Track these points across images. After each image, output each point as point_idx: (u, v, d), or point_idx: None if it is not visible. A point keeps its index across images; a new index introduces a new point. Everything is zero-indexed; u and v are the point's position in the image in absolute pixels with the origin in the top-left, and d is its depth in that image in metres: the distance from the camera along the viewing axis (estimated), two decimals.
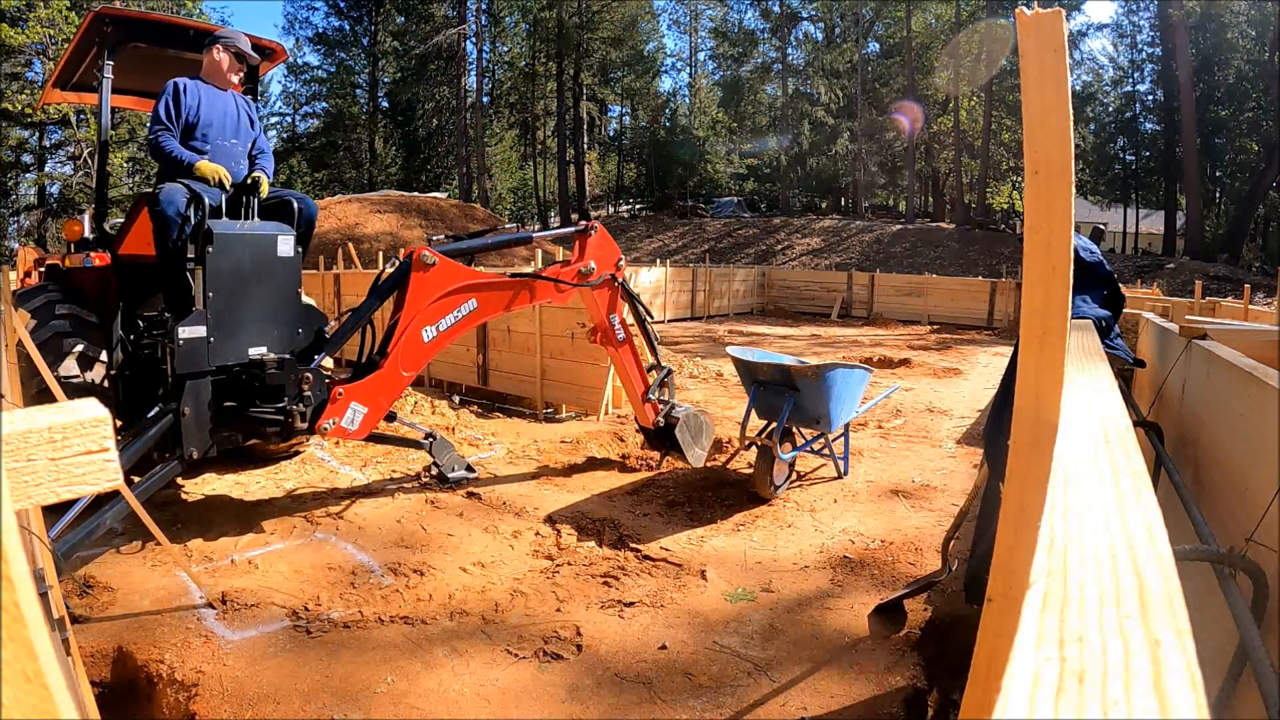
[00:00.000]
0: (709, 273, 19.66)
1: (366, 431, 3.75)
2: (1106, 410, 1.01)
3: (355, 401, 3.62)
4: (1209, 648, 1.44)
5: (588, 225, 4.54)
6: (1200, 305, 8.66)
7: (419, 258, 3.68)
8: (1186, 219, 28.84)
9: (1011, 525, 0.89)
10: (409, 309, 3.68)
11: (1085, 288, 2.75)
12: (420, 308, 3.71)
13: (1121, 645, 0.38)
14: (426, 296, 3.72)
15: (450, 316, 3.83)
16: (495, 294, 4.03)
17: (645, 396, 4.75)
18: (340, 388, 3.60)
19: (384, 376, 3.68)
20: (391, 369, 3.68)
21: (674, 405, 4.86)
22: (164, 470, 3.41)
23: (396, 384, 3.73)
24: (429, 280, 3.72)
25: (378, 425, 3.84)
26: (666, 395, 4.87)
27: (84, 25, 4.20)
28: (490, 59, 41.08)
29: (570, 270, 4.40)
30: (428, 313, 3.74)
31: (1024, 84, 0.86)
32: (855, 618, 3.14)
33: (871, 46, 37.82)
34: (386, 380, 3.69)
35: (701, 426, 4.95)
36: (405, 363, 3.71)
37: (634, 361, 4.75)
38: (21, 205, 33.01)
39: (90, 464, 0.54)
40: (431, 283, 3.73)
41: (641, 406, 4.77)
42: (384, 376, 3.68)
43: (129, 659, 2.77)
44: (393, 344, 3.67)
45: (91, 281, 4.33)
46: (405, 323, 3.68)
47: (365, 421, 3.68)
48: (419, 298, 3.70)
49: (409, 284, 3.68)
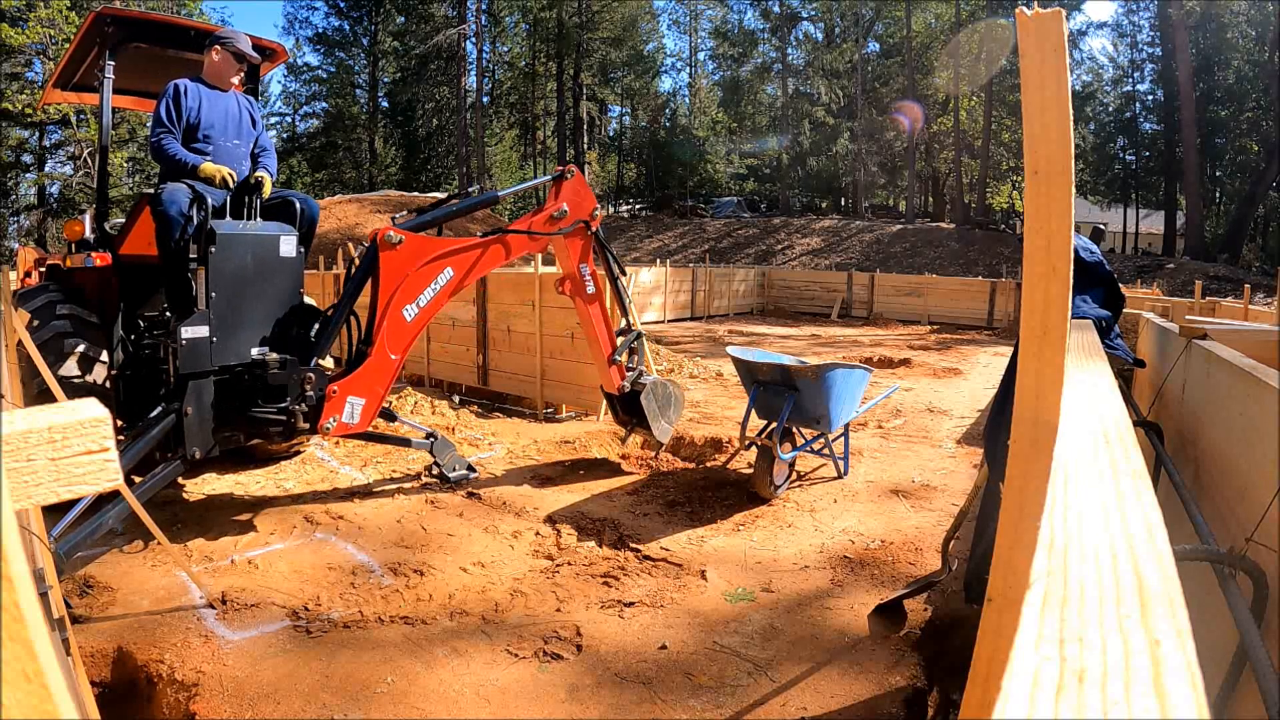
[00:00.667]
0: (709, 273, 19.67)
1: (368, 421, 3.75)
2: (1106, 410, 1.01)
3: (351, 395, 3.62)
4: (1209, 648, 1.44)
5: (564, 170, 4.45)
6: (1200, 305, 8.66)
7: (384, 238, 3.64)
8: (1186, 219, 28.84)
9: (1011, 525, 0.89)
10: (385, 290, 3.64)
11: (1085, 288, 2.75)
12: (394, 286, 3.66)
13: (1121, 645, 0.38)
14: (399, 274, 3.68)
15: (429, 290, 3.79)
16: (469, 256, 3.95)
17: (612, 358, 4.59)
18: (334, 384, 3.60)
19: (374, 364, 3.66)
20: (380, 355, 3.66)
21: (642, 372, 4.72)
22: (166, 470, 3.42)
23: (388, 369, 3.72)
24: (399, 257, 3.68)
25: (378, 414, 3.84)
26: (635, 361, 4.70)
27: (85, 25, 4.20)
28: (490, 59, 41.11)
29: (542, 216, 4.29)
30: (404, 290, 3.70)
31: (1024, 84, 0.86)
32: (855, 618, 3.14)
33: (871, 46, 37.82)
34: (377, 367, 3.68)
35: (670, 397, 4.78)
36: (393, 345, 3.69)
37: (602, 318, 4.60)
38: (21, 205, 33.01)
39: (90, 464, 0.54)
40: (401, 259, 3.69)
41: (607, 369, 4.62)
42: (374, 364, 3.66)
43: (129, 659, 2.77)
44: (376, 329, 3.65)
45: (92, 282, 4.33)
46: (384, 305, 3.65)
47: (365, 412, 3.68)
48: (392, 277, 3.66)
49: (379, 266, 3.64)
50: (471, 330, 7.74)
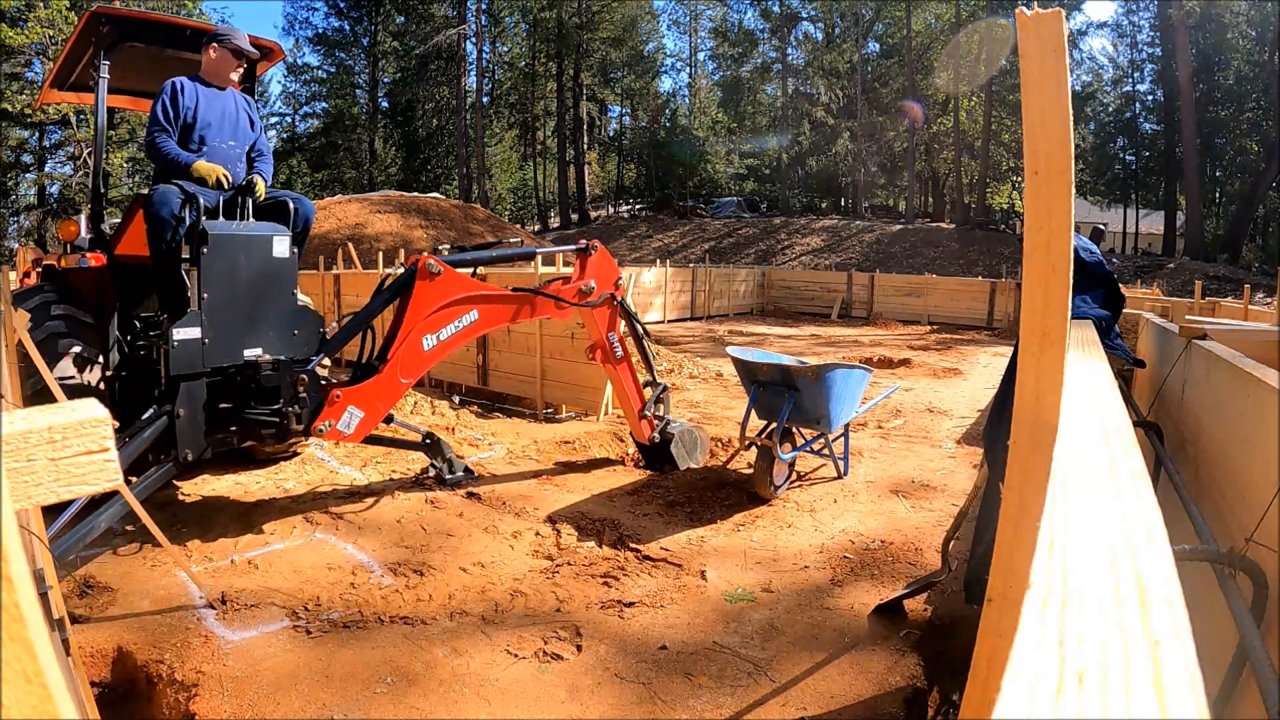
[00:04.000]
0: (709, 273, 19.67)
1: (361, 436, 3.74)
2: (1106, 410, 1.01)
3: (353, 405, 3.61)
4: (1209, 648, 1.44)
5: (589, 245, 4.57)
6: (1200, 305, 8.67)
7: (424, 266, 3.68)
8: (1186, 219, 28.85)
9: (1011, 525, 0.89)
10: (411, 317, 3.68)
11: (1085, 288, 2.75)
12: (422, 316, 3.71)
13: (1121, 645, 0.38)
14: (429, 305, 3.72)
15: (451, 326, 3.83)
16: (497, 307, 4.05)
17: (642, 413, 4.78)
18: (339, 390, 3.59)
19: (382, 382, 3.67)
20: (390, 375, 3.67)
21: (669, 421, 4.90)
22: (159, 472, 3.41)
23: (394, 390, 3.73)
24: (433, 290, 3.72)
25: (373, 430, 3.84)
26: (662, 411, 4.91)
27: (80, 24, 4.19)
28: (490, 59, 41.11)
29: (571, 288, 4.43)
30: (429, 321, 3.74)
31: (1024, 84, 0.86)
32: (855, 618, 3.14)
33: (871, 46, 37.84)
34: (385, 386, 3.68)
35: (696, 441, 5.00)
36: (405, 370, 3.71)
37: (631, 378, 4.78)
38: (21, 205, 33.01)
39: (90, 464, 0.54)
40: (435, 292, 3.73)
41: (638, 423, 4.80)
42: (382, 382, 3.67)
43: (129, 659, 2.76)
44: (393, 350, 3.66)
45: (88, 282, 4.32)
46: (406, 330, 3.68)
47: (361, 426, 3.67)
48: (422, 306, 3.70)
49: (413, 292, 3.68)
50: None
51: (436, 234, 21.91)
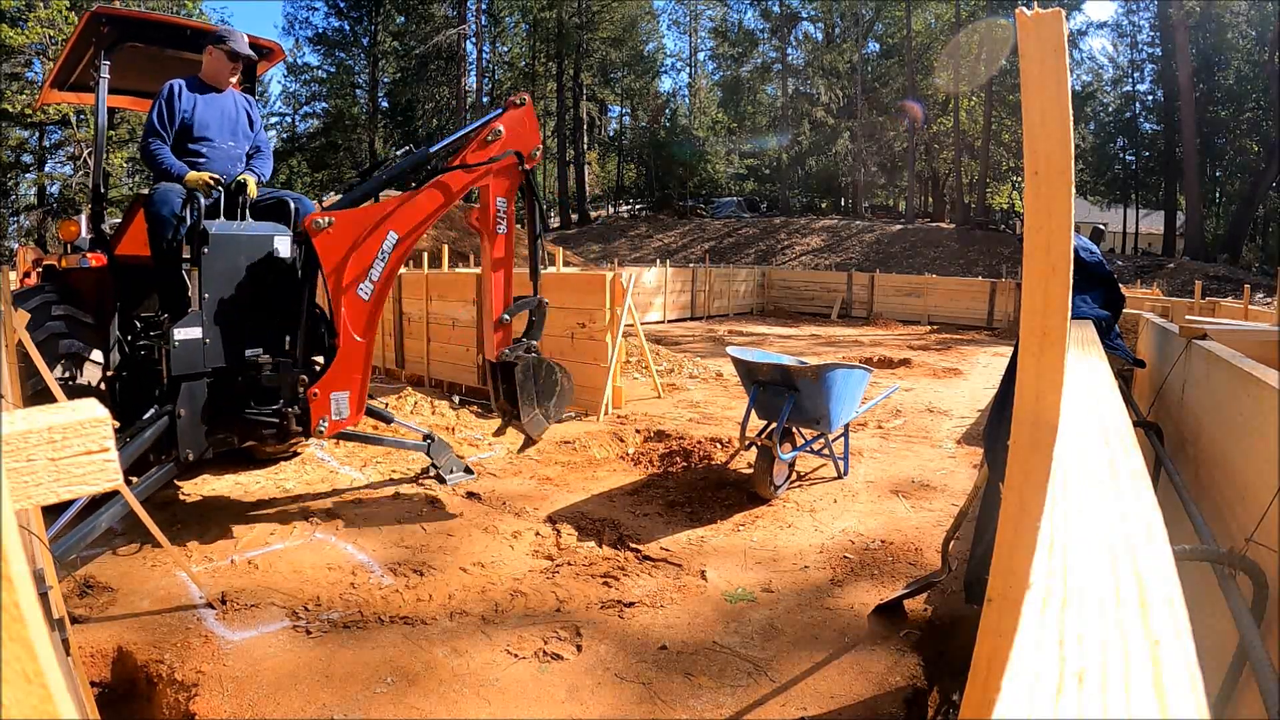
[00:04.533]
0: (709, 273, 19.68)
1: (359, 410, 3.71)
2: (1106, 410, 1.01)
3: (334, 391, 3.58)
4: (1209, 648, 1.44)
5: (517, 97, 4.15)
6: (1200, 305, 8.67)
7: (311, 224, 3.46)
8: (1186, 219, 28.85)
9: (1011, 525, 0.89)
10: (331, 276, 3.52)
11: (1085, 288, 2.75)
12: (340, 269, 3.54)
13: (1121, 645, 0.38)
14: (337, 254, 3.53)
15: (377, 262, 3.63)
16: (407, 212, 3.75)
17: (499, 320, 4.14)
18: (314, 388, 3.56)
19: (344, 354, 3.59)
20: (347, 342, 3.58)
21: (533, 348, 4.20)
22: (159, 473, 3.41)
23: (358, 353, 3.63)
24: (332, 239, 3.52)
25: (367, 402, 3.79)
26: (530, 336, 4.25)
27: (80, 25, 4.19)
28: (490, 59, 41.10)
29: (475, 143, 4.00)
30: (351, 269, 3.56)
31: (1024, 84, 0.86)
32: (855, 618, 3.14)
33: (871, 46, 37.83)
34: (348, 356, 3.60)
35: (556, 387, 4.26)
36: (356, 327, 3.60)
37: (505, 267, 4.17)
38: (21, 205, 32.99)
39: (90, 464, 0.54)
40: (336, 240, 3.53)
41: (492, 331, 4.14)
42: (344, 354, 3.59)
43: (129, 659, 2.76)
44: (336, 318, 3.56)
45: (88, 282, 4.32)
46: (335, 291, 3.53)
47: (352, 403, 3.64)
48: (331, 259, 3.52)
49: (316, 254, 3.50)
50: (471, 330, 7.74)
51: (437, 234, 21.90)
